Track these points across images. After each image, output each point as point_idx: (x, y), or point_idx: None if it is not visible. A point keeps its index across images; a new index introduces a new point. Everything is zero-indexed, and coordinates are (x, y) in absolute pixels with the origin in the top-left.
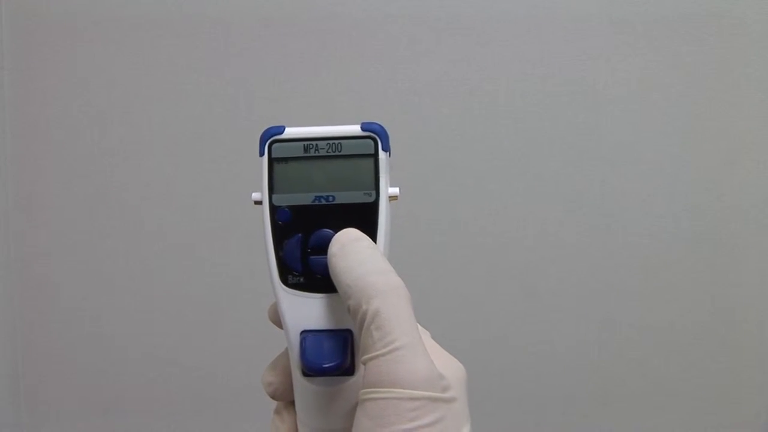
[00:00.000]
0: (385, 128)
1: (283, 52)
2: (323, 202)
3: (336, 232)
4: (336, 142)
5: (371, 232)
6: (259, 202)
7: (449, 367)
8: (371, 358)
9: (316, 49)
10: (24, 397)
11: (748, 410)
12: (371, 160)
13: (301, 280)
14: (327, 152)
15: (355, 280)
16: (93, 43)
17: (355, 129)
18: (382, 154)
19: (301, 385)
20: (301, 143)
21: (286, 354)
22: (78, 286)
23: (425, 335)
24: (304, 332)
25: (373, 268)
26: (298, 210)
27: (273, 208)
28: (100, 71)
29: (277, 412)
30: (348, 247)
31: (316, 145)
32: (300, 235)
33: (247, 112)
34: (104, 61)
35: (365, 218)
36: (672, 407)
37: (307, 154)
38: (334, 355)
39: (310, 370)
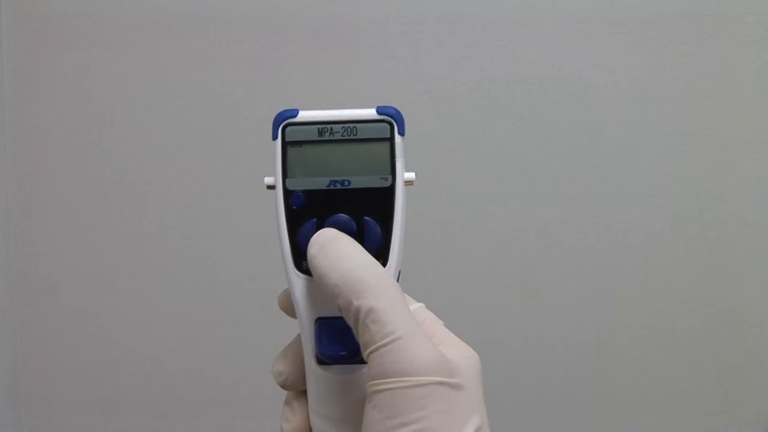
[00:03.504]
0: (401, 112)
1: (283, 51)
2: (338, 186)
3: (352, 217)
4: (351, 125)
5: (388, 216)
6: (272, 187)
7: (461, 354)
8: (373, 351)
9: (316, 49)
10: (24, 397)
11: (748, 410)
12: (387, 144)
13: None
14: (342, 136)
15: (341, 279)
16: (93, 43)
17: (370, 112)
18: (398, 138)
19: (316, 374)
20: (316, 127)
21: (296, 342)
22: (78, 286)
23: (438, 324)
24: (319, 319)
25: (358, 264)
26: (312, 194)
27: (287, 193)
28: (100, 71)
29: (287, 402)
30: (328, 247)
31: (331, 128)
32: (315, 219)
33: (247, 112)
34: (104, 61)
35: (381, 203)
36: (672, 407)
37: (322, 138)
38: (350, 342)
39: (326, 358)
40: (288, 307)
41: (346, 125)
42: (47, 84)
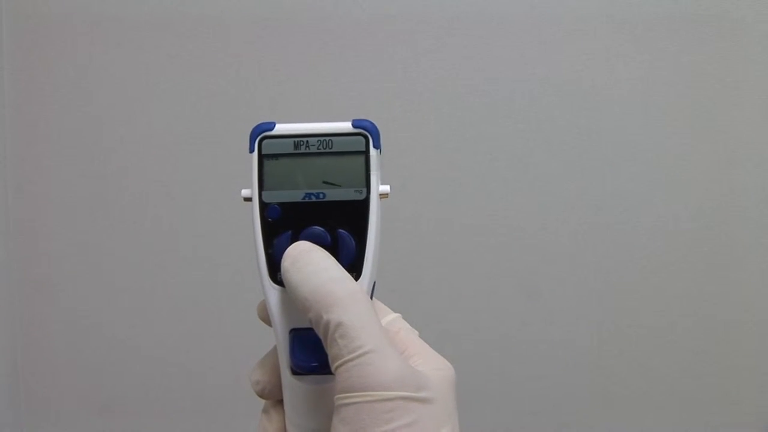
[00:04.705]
0: (376, 125)
1: (282, 52)
2: (313, 199)
3: (327, 230)
4: (327, 138)
5: (362, 229)
6: (248, 199)
7: (433, 366)
8: (340, 365)
9: (316, 49)
10: (24, 397)
11: (748, 410)
12: (362, 158)
13: None
14: (318, 149)
15: (311, 293)
16: (93, 43)
17: (346, 126)
18: (373, 152)
19: (291, 384)
20: (292, 140)
21: (274, 352)
22: (78, 286)
23: (413, 334)
24: (293, 330)
25: (329, 277)
26: (288, 207)
27: (263, 205)
28: (100, 71)
29: (264, 411)
30: (300, 260)
31: (307, 141)
32: (290, 232)
33: (248, 111)
34: (104, 61)
35: (356, 216)
36: (672, 407)
37: (298, 151)
38: (323, 353)
39: (299, 369)
40: (266, 316)
41: (321, 138)
42: (47, 84)
